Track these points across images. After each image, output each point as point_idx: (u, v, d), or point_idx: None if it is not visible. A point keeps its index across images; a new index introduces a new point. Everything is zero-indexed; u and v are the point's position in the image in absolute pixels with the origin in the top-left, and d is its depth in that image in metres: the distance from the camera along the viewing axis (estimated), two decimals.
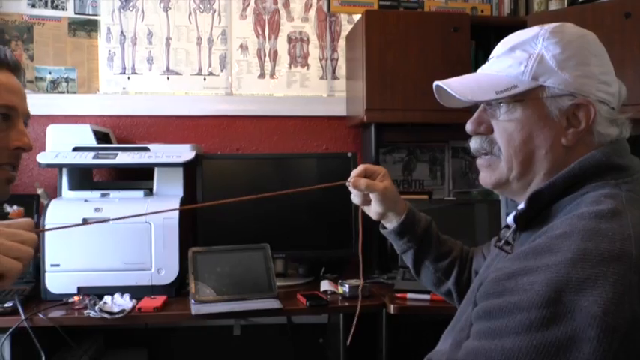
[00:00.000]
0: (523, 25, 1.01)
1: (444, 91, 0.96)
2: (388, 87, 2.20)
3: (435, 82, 0.97)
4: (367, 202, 1.25)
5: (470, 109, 0.98)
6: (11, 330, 1.71)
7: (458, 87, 0.93)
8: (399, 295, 1.90)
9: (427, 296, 1.84)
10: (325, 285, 2.02)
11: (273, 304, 1.80)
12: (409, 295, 1.87)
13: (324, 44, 2.57)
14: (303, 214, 2.21)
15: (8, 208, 1.14)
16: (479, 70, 0.97)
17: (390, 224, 1.26)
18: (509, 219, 0.91)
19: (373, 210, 1.25)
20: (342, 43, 2.57)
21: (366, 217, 1.31)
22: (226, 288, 1.83)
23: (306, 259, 2.28)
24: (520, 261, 0.74)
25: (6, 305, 1.76)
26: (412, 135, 2.58)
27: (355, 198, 1.26)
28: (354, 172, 1.23)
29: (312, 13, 2.56)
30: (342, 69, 2.57)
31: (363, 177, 1.22)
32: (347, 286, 1.91)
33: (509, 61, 0.90)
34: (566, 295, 0.66)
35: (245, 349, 2.41)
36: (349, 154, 2.26)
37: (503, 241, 0.91)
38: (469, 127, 0.95)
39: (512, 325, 0.68)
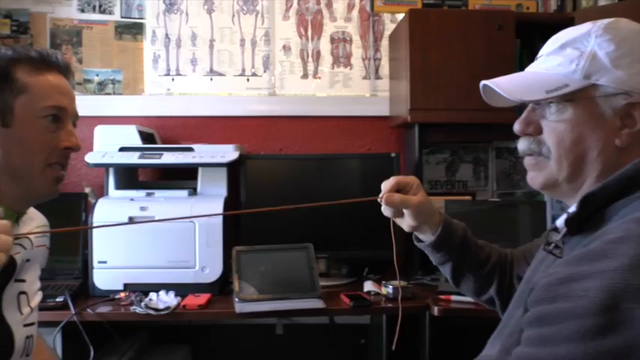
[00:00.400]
0: (570, 22, 0.98)
1: (490, 90, 0.94)
2: (432, 86, 2.18)
3: (483, 82, 0.95)
4: (400, 214, 1.18)
5: (515, 108, 0.96)
6: (62, 324, 1.76)
7: (506, 86, 0.90)
8: (442, 297, 1.87)
9: (472, 299, 1.80)
10: (368, 286, 2.01)
11: (316, 303, 1.80)
12: (453, 297, 1.85)
13: (367, 44, 2.56)
14: (346, 215, 2.20)
15: None
16: (527, 69, 0.95)
17: (425, 236, 1.20)
18: (560, 222, 0.88)
19: (406, 223, 1.18)
20: (384, 43, 2.55)
21: (398, 226, 1.24)
22: (270, 287, 1.84)
23: (349, 259, 2.26)
24: (573, 266, 0.71)
25: (57, 300, 1.82)
26: (455, 135, 2.55)
27: (386, 211, 1.19)
28: (386, 187, 1.16)
29: (355, 13, 2.55)
30: (384, 69, 2.55)
31: (396, 191, 1.15)
32: (390, 287, 1.89)
33: (560, 59, 0.87)
34: (623, 302, 0.63)
35: (287, 348, 2.42)
36: (392, 155, 2.24)
37: (553, 244, 0.88)
38: (517, 127, 0.92)
39: (565, 333, 0.66)
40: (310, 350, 2.44)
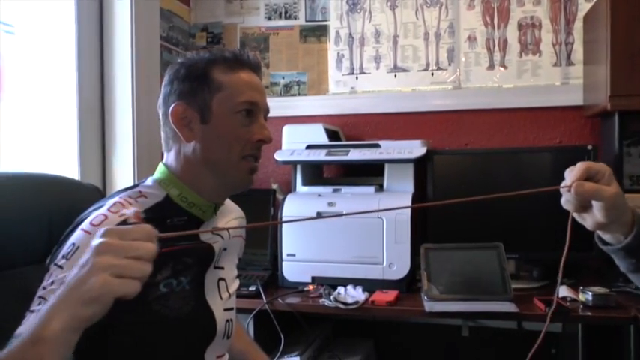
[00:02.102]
0: None
1: None
2: (637, 69, 1.93)
3: None
4: (585, 208, 0.99)
5: None
6: (255, 312, 1.87)
7: None
8: None
9: None
10: (563, 291, 1.85)
11: (508, 307, 1.71)
12: None
13: (558, 28, 2.37)
14: (538, 213, 2.05)
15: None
16: None
17: (613, 237, 1.01)
18: None
19: (593, 219, 0.99)
20: (578, 25, 2.34)
21: (577, 223, 1.03)
22: (459, 287, 1.78)
23: (540, 260, 2.11)
24: None
25: (250, 289, 1.93)
26: None
27: (568, 203, 1.00)
28: (574, 174, 0.98)
29: None
30: (577, 53, 2.34)
31: (585, 179, 0.97)
32: (590, 293, 1.73)
33: None
34: None
35: (473, 352, 2.33)
36: (589, 147, 2.04)
37: None
38: None
39: None
40: (497, 355, 2.32)
